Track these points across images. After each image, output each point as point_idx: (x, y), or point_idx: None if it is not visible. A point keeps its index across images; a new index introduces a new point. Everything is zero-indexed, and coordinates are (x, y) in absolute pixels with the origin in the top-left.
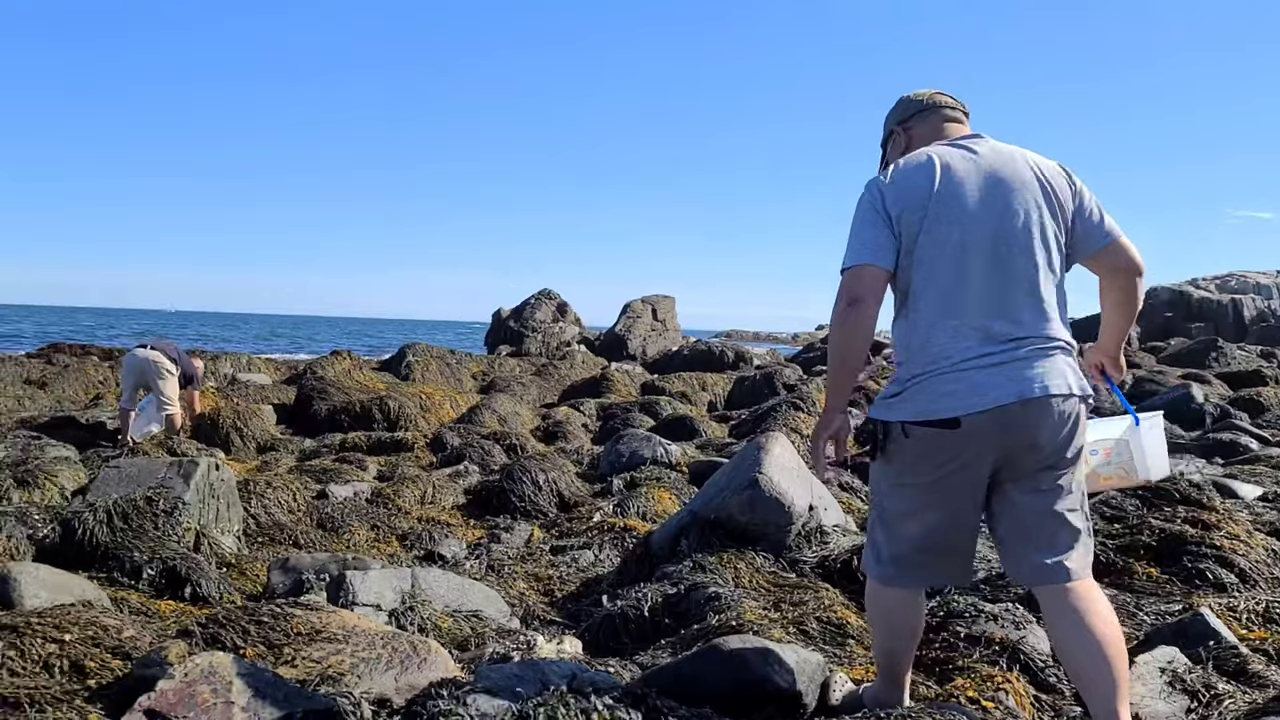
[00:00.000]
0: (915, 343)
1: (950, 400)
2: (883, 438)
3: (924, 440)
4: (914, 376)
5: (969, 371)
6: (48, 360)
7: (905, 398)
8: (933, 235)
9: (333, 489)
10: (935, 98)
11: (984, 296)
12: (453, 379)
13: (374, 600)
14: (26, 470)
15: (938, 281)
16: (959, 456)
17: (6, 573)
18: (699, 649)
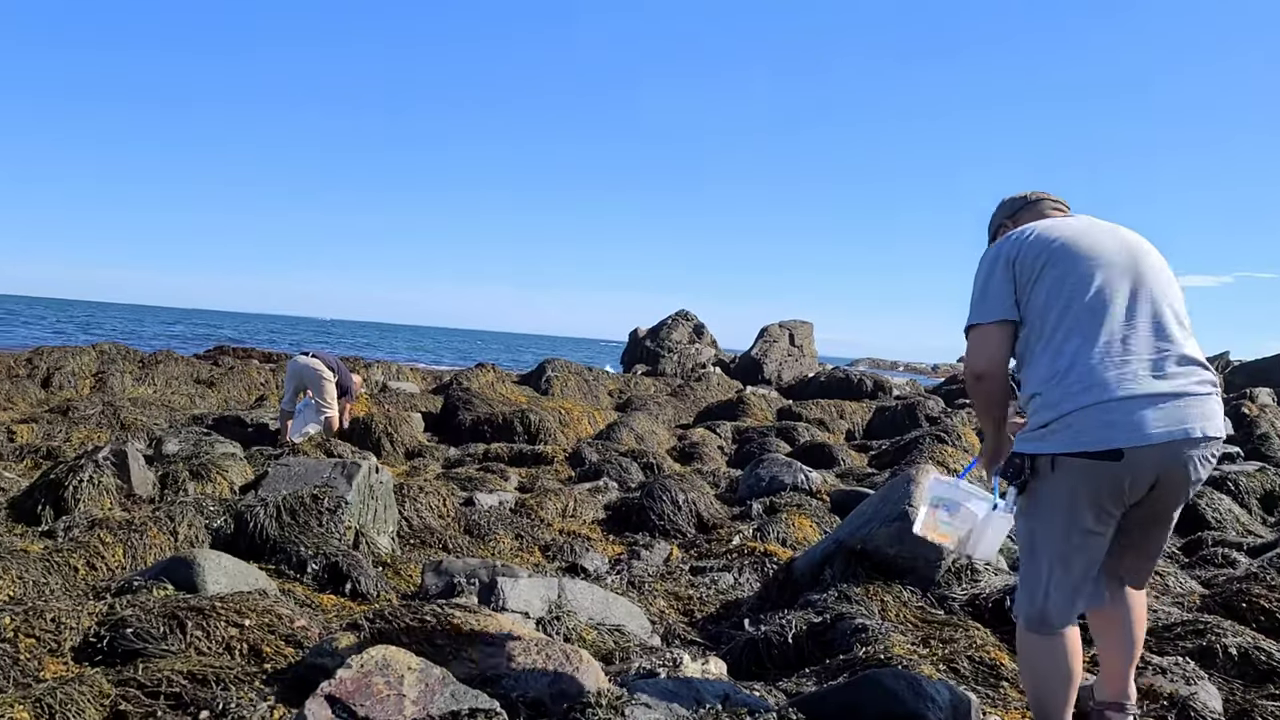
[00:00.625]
0: (1060, 373)
1: (1112, 431)
2: (1030, 472)
3: (1077, 472)
4: (1064, 407)
5: (1130, 402)
6: (214, 362)
7: (1058, 429)
8: (1066, 276)
9: (479, 497)
10: (1037, 194)
11: (1137, 333)
12: (590, 395)
13: (523, 607)
14: (200, 464)
15: (1082, 318)
16: (1115, 487)
17: (193, 559)
18: (852, 678)
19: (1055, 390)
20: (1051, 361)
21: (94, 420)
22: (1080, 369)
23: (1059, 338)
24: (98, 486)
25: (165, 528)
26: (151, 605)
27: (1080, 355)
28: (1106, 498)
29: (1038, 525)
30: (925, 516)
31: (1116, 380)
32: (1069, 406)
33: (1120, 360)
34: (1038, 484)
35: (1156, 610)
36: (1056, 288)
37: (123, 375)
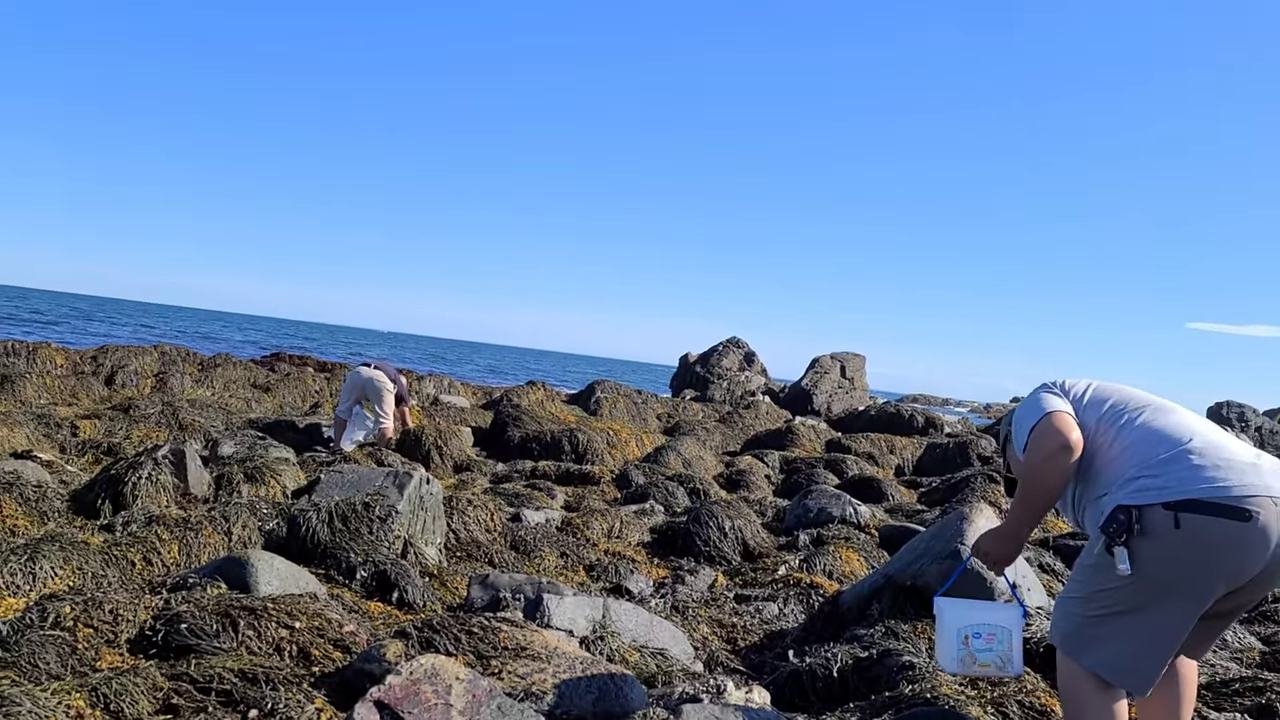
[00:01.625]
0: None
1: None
2: (1139, 527)
3: (1199, 531)
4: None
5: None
6: (270, 368)
7: (1169, 478)
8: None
9: (526, 513)
10: None
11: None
12: (638, 418)
13: (567, 625)
14: (254, 467)
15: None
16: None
17: (246, 559)
18: (899, 716)
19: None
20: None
21: (153, 419)
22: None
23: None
24: (155, 484)
25: (220, 527)
26: (206, 602)
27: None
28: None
29: (1141, 589)
30: (958, 652)
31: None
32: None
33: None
34: (1146, 540)
35: (1214, 665)
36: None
37: (183, 377)
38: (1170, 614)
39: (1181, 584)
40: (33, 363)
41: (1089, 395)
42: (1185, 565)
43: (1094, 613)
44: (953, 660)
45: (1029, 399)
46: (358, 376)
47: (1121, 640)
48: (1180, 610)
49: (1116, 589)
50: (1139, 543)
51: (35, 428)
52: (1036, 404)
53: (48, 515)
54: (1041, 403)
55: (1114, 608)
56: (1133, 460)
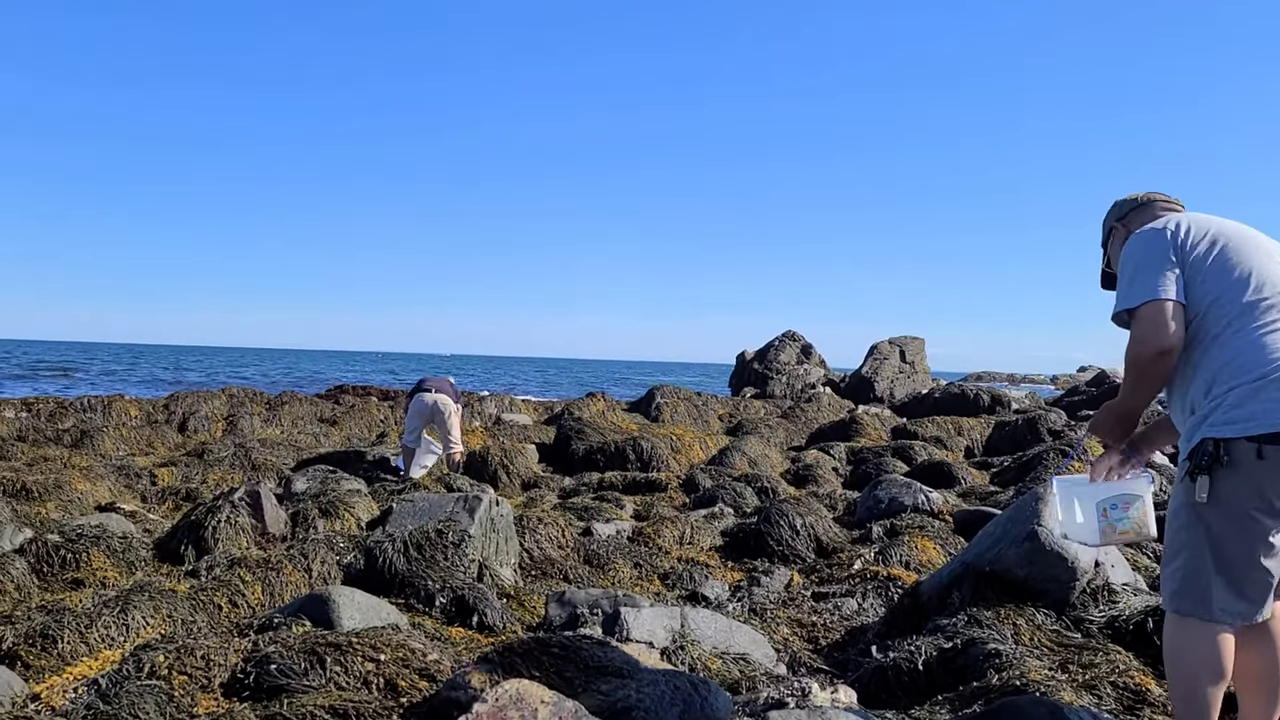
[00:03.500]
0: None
1: None
2: (1227, 459)
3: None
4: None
5: None
6: (335, 401)
7: (1255, 408)
8: (1232, 269)
9: (596, 527)
10: (1151, 195)
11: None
12: (700, 420)
13: (646, 637)
14: (328, 502)
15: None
16: None
17: (328, 596)
18: (990, 706)
19: (1250, 372)
20: (1238, 348)
21: (227, 462)
22: (1266, 347)
23: (1238, 327)
24: (234, 526)
25: (299, 565)
26: (292, 642)
27: (1272, 341)
28: None
29: (1225, 518)
30: (1097, 526)
31: None
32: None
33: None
34: (1228, 471)
35: None
36: (1227, 280)
37: (251, 417)
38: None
39: (1263, 506)
40: (109, 416)
41: (1210, 262)
42: (1266, 490)
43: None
44: (1094, 532)
45: (1148, 249)
46: (421, 403)
47: (1219, 574)
48: (1264, 530)
49: (1197, 523)
50: (1223, 473)
51: (116, 479)
52: (1150, 269)
53: (135, 565)
54: (1154, 276)
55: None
56: (1227, 373)
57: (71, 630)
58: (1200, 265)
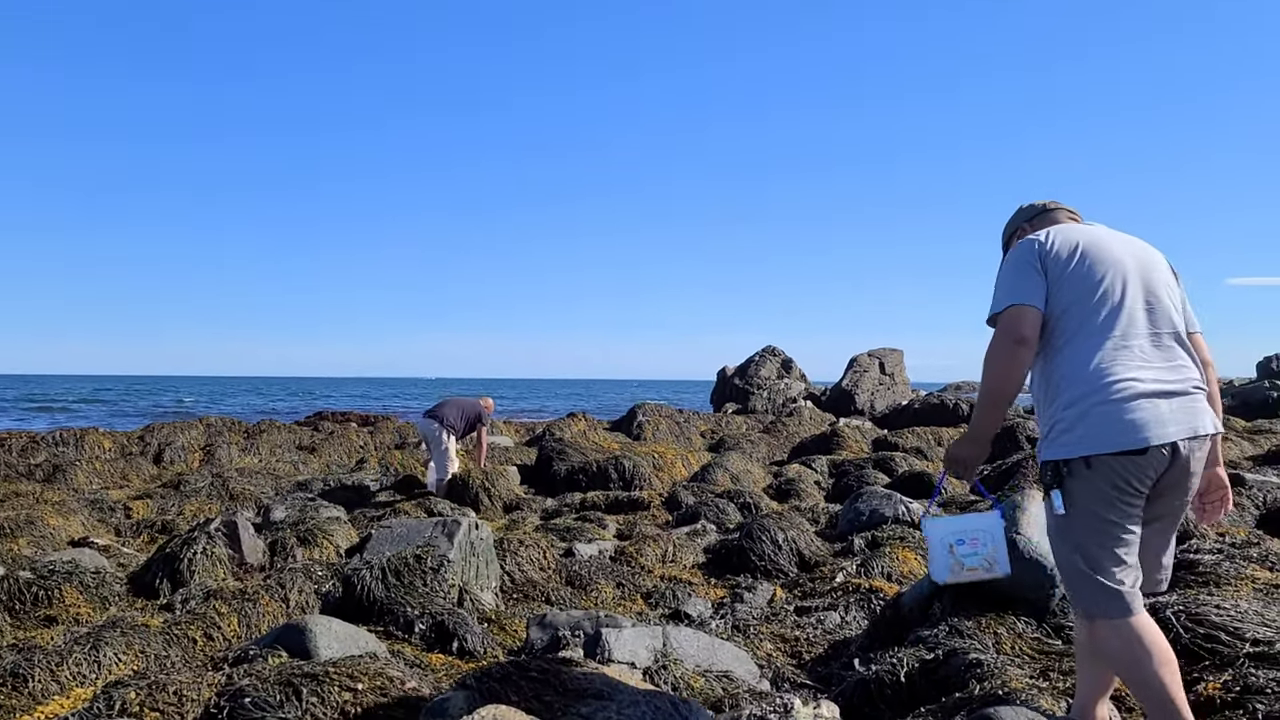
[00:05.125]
0: (1085, 373)
1: (1138, 431)
2: (1067, 475)
3: (1110, 470)
4: (1089, 406)
5: (1145, 402)
6: (314, 428)
7: (1081, 431)
8: (1088, 279)
9: (578, 547)
10: (1053, 203)
11: (1148, 336)
12: (682, 437)
13: (628, 658)
14: (306, 529)
15: (1098, 320)
16: (1138, 480)
17: (304, 625)
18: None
19: (1079, 389)
20: (1074, 363)
21: (204, 492)
22: (1106, 370)
23: (1077, 338)
24: (211, 558)
25: (277, 595)
26: (267, 674)
27: (1106, 358)
28: (1137, 489)
29: (1083, 522)
30: (945, 561)
31: (1136, 380)
32: (1096, 407)
33: (1139, 362)
34: (1074, 484)
35: None
36: (1080, 290)
37: (229, 446)
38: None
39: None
40: (81, 449)
41: (1069, 272)
42: (1107, 489)
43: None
44: (943, 570)
45: (1019, 258)
46: (419, 424)
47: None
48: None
49: (1064, 534)
50: (1067, 486)
51: (90, 514)
52: (1016, 278)
53: (108, 600)
54: (1018, 283)
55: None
56: (1064, 385)
57: (42, 668)
58: (1060, 275)
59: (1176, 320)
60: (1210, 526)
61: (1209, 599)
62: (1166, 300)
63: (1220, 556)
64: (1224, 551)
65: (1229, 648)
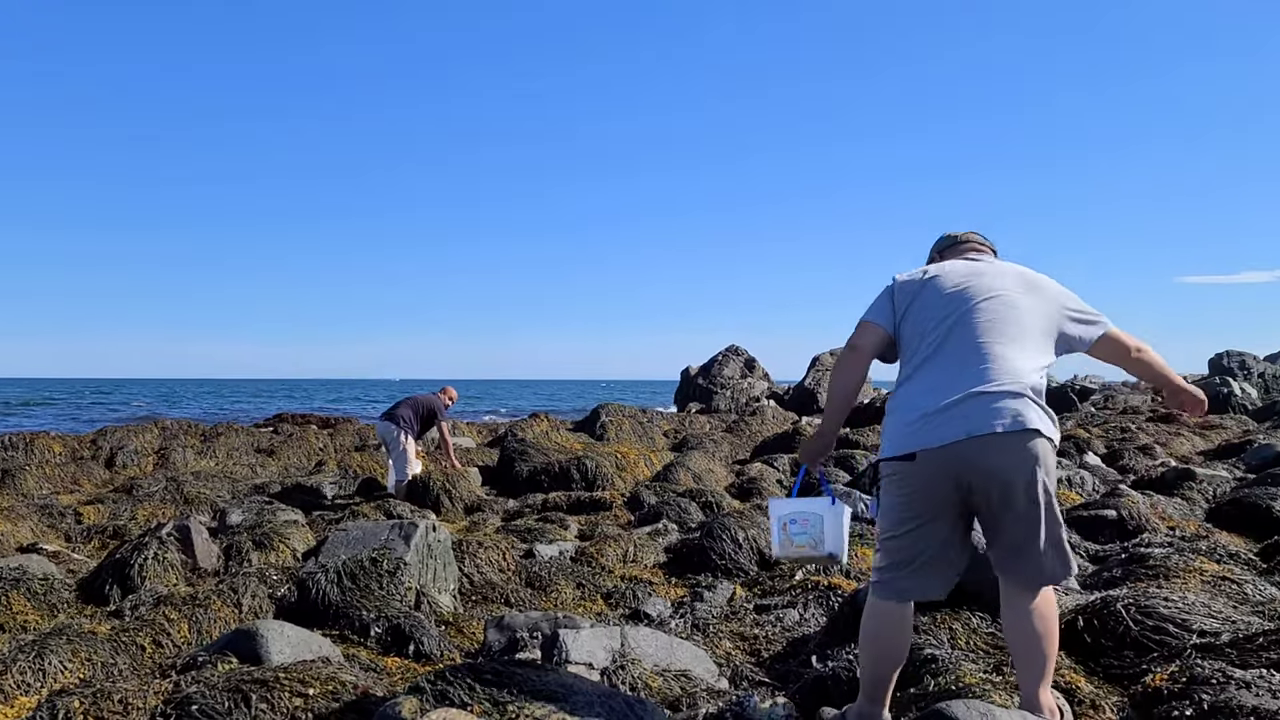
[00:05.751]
0: (903, 392)
1: (908, 439)
2: (873, 475)
3: (892, 474)
4: (898, 419)
5: (926, 414)
6: (274, 430)
7: (885, 439)
8: (925, 312)
9: (539, 548)
10: (967, 235)
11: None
12: (645, 437)
13: (586, 659)
14: (262, 533)
15: (922, 347)
16: (914, 484)
17: (255, 630)
18: (920, 714)
19: (892, 402)
20: (904, 382)
21: (158, 497)
22: (907, 387)
23: (907, 361)
24: (163, 563)
25: (229, 600)
26: (216, 680)
27: (912, 376)
28: (917, 493)
29: (880, 513)
30: (779, 538)
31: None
32: (894, 419)
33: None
34: (881, 484)
35: (1236, 621)
36: (917, 318)
37: (184, 450)
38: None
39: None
40: (31, 453)
41: (911, 306)
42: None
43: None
44: (777, 545)
45: (882, 291)
46: (378, 425)
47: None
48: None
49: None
50: (882, 486)
51: (39, 520)
52: (872, 304)
53: (57, 607)
54: (871, 306)
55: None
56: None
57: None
58: (906, 303)
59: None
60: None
61: (1158, 592)
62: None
63: (1170, 550)
64: (1174, 545)
65: (1177, 639)
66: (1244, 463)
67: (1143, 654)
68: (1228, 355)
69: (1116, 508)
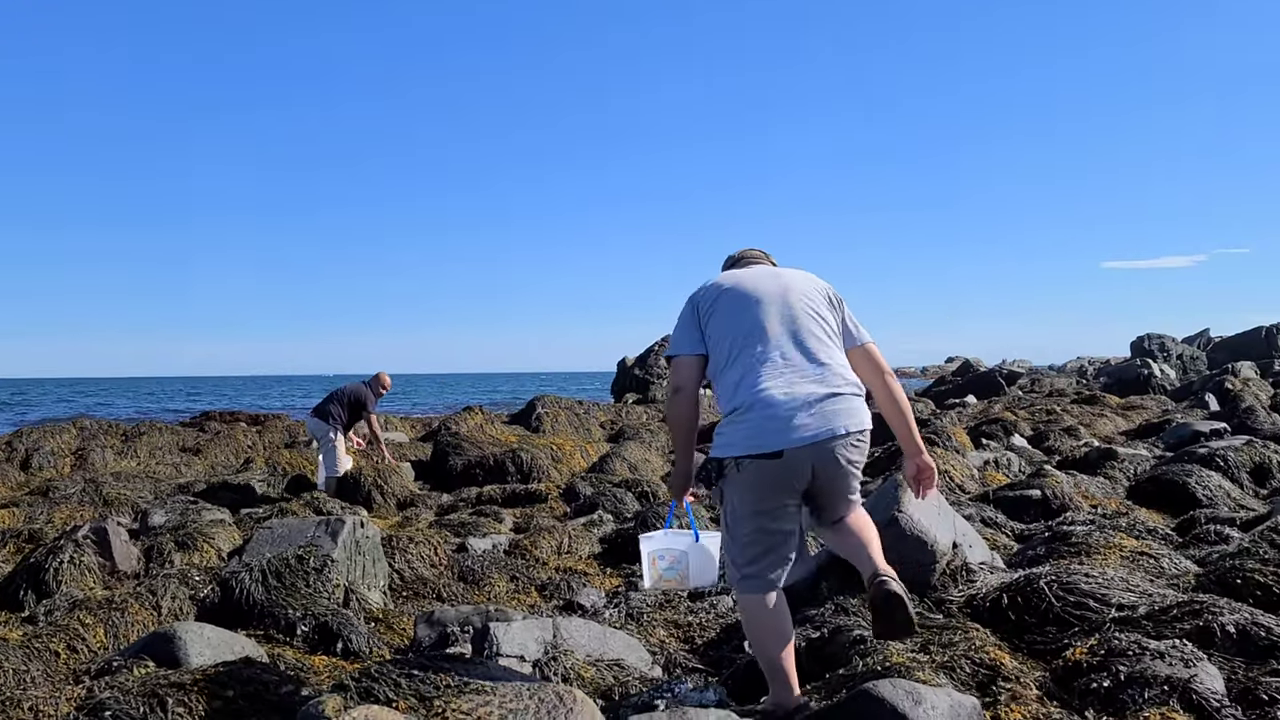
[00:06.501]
0: (734, 391)
1: (774, 436)
2: (718, 472)
3: (752, 470)
4: (739, 418)
5: (786, 412)
6: (200, 428)
7: (735, 437)
8: (730, 313)
9: (472, 542)
10: (744, 251)
11: (788, 353)
12: (582, 429)
13: (518, 651)
14: (186, 534)
15: (742, 352)
16: (783, 478)
17: (173, 633)
18: (848, 695)
19: (733, 405)
20: (729, 383)
21: (75, 499)
22: (748, 386)
23: (730, 363)
24: (79, 566)
25: (148, 603)
26: (130, 685)
27: (747, 375)
28: (779, 486)
29: (732, 512)
30: (649, 572)
31: (775, 393)
32: (744, 418)
33: (777, 376)
34: (726, 481)
35: (1152, 594)
36: (724, 324)
37: (104, 450)
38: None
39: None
40: None
41: (714, 314)
42: (751, 486)
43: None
44: (646, 578)
45: (682, 314)
46: (308, 421)
47: (730, 556)
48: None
49: (728, 515)
50: (724, 482)
51: None
52: (678, 332)
53: None
54: (678, 336)
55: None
56: (721, 404)
57: None
58: (709, 318)
59: (821, 336)
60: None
61: (1080, 568)
62: (810, 321)
63: (1092, 527)
64: (1095, 523)
65: (1097, 614)
66: (1163, 441)
67: (1065, 629)
68: (1148, 338)
69: (1041, 488)
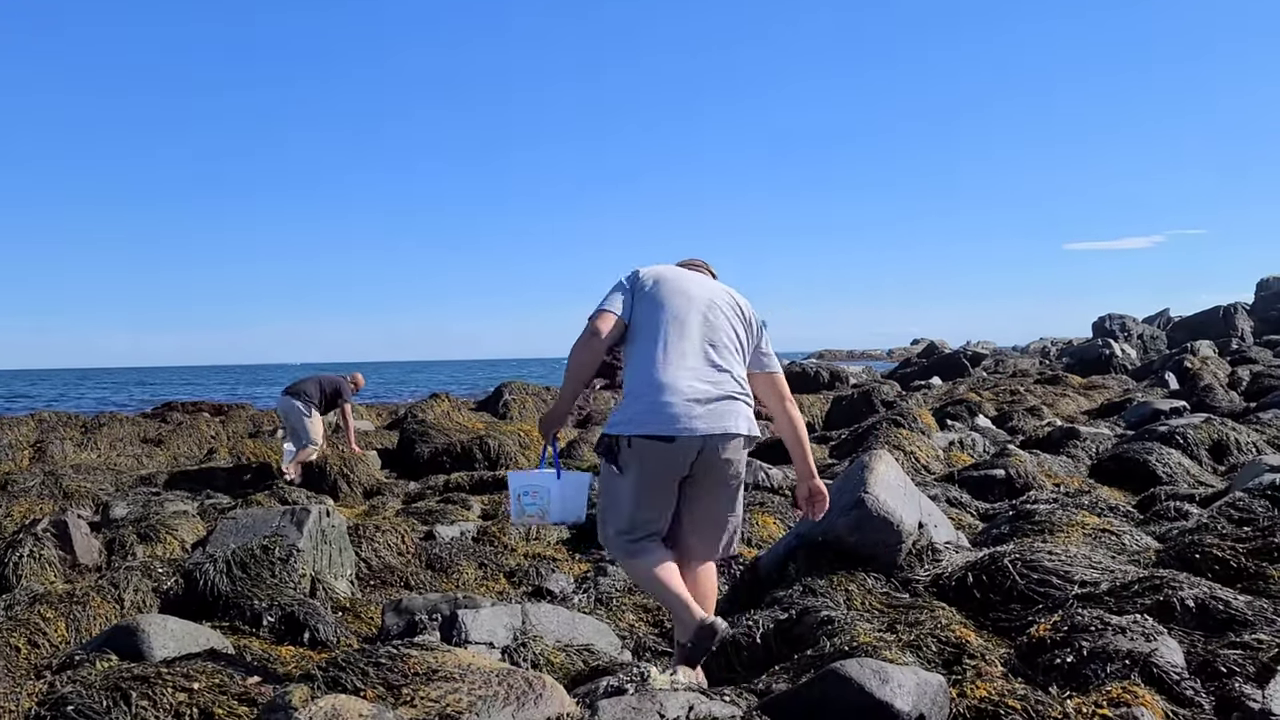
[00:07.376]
0: (642, 373)
1: (671, 423)
2: (615, 448)
3: (644, 449)
4: (640, 400)
5: (684, 403)
6: (162, 419)
7: (634, 417)
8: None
9: (440, 530)
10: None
11: (697, 352)
12: None
13: (486, 638)
14: (148, 525)
15: (658, 336)
16: (667, 461)
17: (136, 625)
18: (815, 675)
19: (636, 385)
20: (639, 363)
21: (35, 492)
22: (655, 368)
23: (643, 340)
24: (39, 560)
25: (110, 596)
26: (93, 679)
27: (656, 358)
28: (665, 469)
29: (621, 484)
30: (514, 507)
31: (676, 384)
32: (643, 400)
33: (682, 369)
34: (621, 456)
35: (1114, 571)
36: (649, 309)
37: (63, 442)
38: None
39: (643, 472)
40: None
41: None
42: (641, 463)
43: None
44: (513, 513)
45: (619, 281)
46: (279, 404)
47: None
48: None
49: (616, 487)
50: (619, 456)
51: None
52: (610, 294)
53: None
54: (610, 297)
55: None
56: (627, 380)
57: None
58: (642, 295)
59: (729, 346)
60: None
61: (1043, 546)
62: (722, 333)
63: (1055, 505)
64: (1058, 501)
65: (1060, 590)
66: (1124, 420)
67: (1029, 606)
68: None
69: (1005, 467)
